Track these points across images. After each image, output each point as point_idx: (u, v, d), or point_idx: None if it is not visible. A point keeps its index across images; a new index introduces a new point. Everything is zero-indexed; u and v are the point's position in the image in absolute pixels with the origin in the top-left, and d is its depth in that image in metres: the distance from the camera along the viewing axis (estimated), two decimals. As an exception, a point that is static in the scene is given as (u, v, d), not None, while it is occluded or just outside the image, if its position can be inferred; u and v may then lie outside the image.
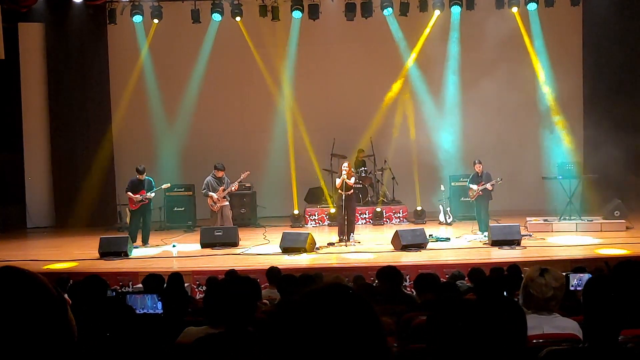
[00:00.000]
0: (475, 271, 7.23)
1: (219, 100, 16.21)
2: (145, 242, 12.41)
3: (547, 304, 3.73)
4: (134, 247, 11.72)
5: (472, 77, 15.28)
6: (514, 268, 7.21)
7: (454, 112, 15.68)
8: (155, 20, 15.08)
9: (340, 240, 11.77)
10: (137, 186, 12.30)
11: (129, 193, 12.29)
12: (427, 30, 15.38)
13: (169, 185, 13.36)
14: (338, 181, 11.79)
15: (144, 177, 12.35)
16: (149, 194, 12.27)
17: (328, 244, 11.68)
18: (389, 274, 6.05)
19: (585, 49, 15.76)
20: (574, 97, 15.65)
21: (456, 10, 14.88)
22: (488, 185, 12.27)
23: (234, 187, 12.46)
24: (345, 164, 11.83)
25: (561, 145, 14.76)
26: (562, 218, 12.79)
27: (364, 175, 15.06)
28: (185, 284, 8.03)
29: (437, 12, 15.00)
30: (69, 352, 1.34)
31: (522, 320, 2.24)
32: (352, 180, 11.86)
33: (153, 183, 12.48)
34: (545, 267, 3.86)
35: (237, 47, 15.72)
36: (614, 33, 15.10)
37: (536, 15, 15.18)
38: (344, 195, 11.65)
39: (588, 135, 15.42)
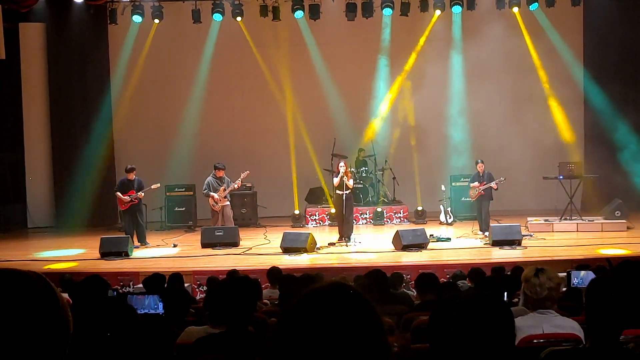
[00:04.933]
0: (475, 271, 7.23)
1: (219, 100, 16.20)
2: (142, 242, 12.38)
3: (542, 303, 3.75)
4: (134, 247, 11.72)
5: (473, 77, 15.28)
6: (518, 270, 7.17)
7: (453, 111, 15.66)
8: (156, 21, 15.08)
9: (340, 240, 11.76)
10: (126, 186, 12.25)
11: (118, 193, 12.25)
12: (427, 31, 15.42)
13: (158, 185, 12.99)
14: (335, 180, 11.76)
15: (134, 176, 12.30)
16: (138, 193, 12.24)
17: (328, 244, 11.68)
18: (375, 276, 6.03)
19: (585, 50, 15.73)
20: (575, 96, 15.63)
21: (457, 10, 14.87)
22: (493, 184, 12.26)
23: (237, 184, 12.44)
24: (342, 163, 11.80)
25: None
26: (562, 218, 12.79)
27: (364, 175, 15.06)
28: (186, 284, 8.05)
29: (437, 12, 15.00)
30: (63, 350, 1.34)
31: (507, 317, 2.23)
32: (351, 182, 11.84)
33: (143, 183, 12.41)
34: (541, 267, 3.87)
35: (238, 47, 15.72)
36: (614, 34, 15.08)
37: (539, 15, 15.20)
38: (344, 195, 11.64)
39: (588, 137, 15.43)
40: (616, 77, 15.13)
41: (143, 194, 12.35)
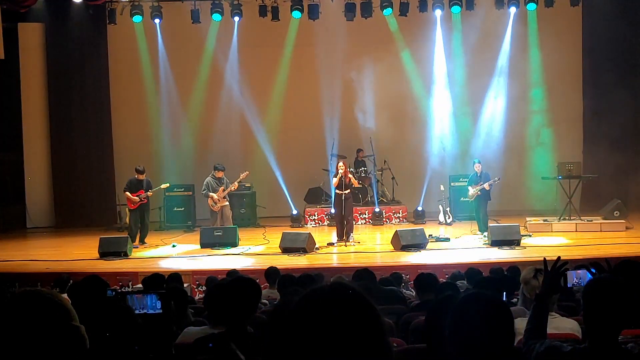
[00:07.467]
0: (472, 271, 7.23)
1: (218, 100, 16.19)
2: (142, 242, 12.41)
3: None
4: (134, 247, 11.73)
5: (472, 77, 15.29)
6: (514, 269, 7.19)
7: (453, 111, 15.67)
8: (156, 20, 15.08)
9: (340, 241, 11.76)
10: (135, 186, 12.32)
11: (127, 193, 12.31)
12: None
13: (168, 185, 13.46)
14: (334, 180, 11.79)
15: (144, 177, 12.38)
16: (147, 192, 12.30)
17: (328, 244, 11.68)
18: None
19: (584, 50, 15.73)
20: (574, 96, 15.64)
21: (456, 10, 14.87)
22: (485, 185, 12.27)
23: (234, 186, 12.50)
24: (341, 163, 11.82)
25: None
26: (561, 218, 12.79)
27: (363, 175, 15.05)
28: (185, 284, 8.04)
29: (437, 13, 15.00)
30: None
31: (507, 317, 2.23)
32: (357, 181, 11.89)
33: (151, 183, 12.53)
34: (540, 267, 3.86)
35: (237, 47, 15.72)
36: (613, 34, 15.07)
37: (535, 15, 15.20)
38: (343, 195, 11.65)
39: (588, 137, 15.44)
40: (615, 78, 15.13)
41: (152, 193, 12.43)
